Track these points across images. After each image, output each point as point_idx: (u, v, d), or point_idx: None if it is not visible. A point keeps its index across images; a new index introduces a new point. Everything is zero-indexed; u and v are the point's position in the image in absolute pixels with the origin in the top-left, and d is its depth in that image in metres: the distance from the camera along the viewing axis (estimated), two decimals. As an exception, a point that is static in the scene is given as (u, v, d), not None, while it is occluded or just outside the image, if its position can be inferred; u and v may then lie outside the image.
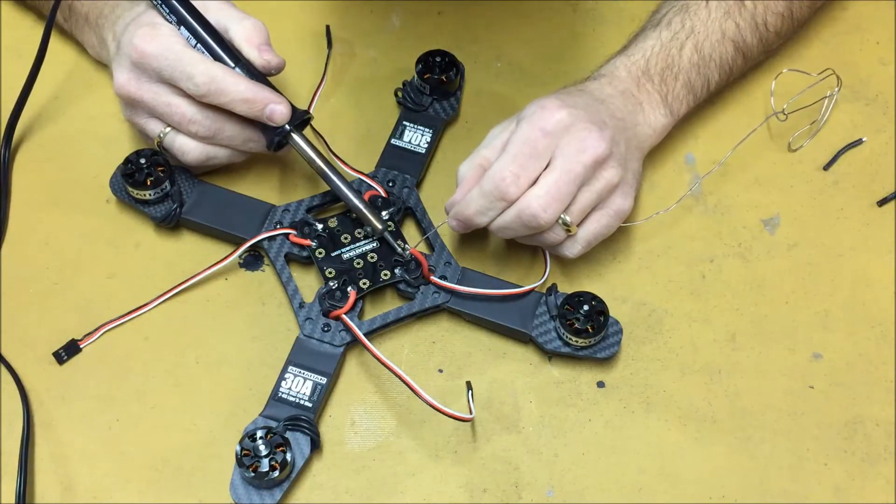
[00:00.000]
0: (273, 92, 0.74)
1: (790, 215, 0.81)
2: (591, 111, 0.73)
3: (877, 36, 0.90)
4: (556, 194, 0.70)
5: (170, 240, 0.79)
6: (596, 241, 0.74)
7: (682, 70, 0.78)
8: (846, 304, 0.77)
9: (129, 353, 0.74)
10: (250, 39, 0.75)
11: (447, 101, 0.84)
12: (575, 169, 0.70)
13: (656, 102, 0.77)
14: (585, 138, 0.70)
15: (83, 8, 0.81)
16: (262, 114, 0.73)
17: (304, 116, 0.76)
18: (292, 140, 0.75)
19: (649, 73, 0.77)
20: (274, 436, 0.68)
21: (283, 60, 0.76)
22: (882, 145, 0.84)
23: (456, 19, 0.91)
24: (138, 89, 0.74)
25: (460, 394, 0.72)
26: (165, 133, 0.76)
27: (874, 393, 0.73)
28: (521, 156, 0.70)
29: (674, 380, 0.73)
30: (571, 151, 0.70)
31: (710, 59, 0.79)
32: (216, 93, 0.72)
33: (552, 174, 0.70)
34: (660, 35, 0.79)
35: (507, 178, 0.70)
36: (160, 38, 0.73)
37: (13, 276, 0.77)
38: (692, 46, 0.78)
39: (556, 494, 0.69)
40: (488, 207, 0.71)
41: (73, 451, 0.70)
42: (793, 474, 0.70)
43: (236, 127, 0.75)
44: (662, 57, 0.78)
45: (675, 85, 0.78)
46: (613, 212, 0.73)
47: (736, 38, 0.80)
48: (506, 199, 0.70)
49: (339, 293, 0.74)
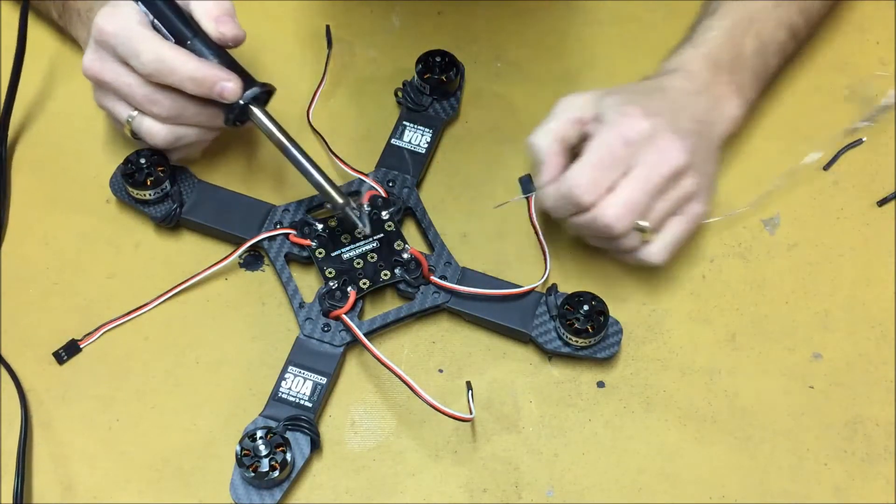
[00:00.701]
0: (222, 69, 0.72)
1: (790, 215, 0.80)
2: (673, 118, 0.72)
3: (877, 36, 0.90)
4: (632, 205, 0.70)
5: (170, 240, 0.79)
6: (677, 245, 0.74)
7: (749, 58, 0.78)
8: (846, 304, 0.77)
9: (129, 353, 0.74)
10: (209, 12, 0.74)
11: (447, 101, 0.84)
12: (654, 180, 0.70)
13: (732, 94, 0.77)
14: (665, 149, 0.71)
15: (75, 4, 0.81)
16: (212, 92, 0.72)
17: (264, 89, 0.74)
18: (251, 114, 0.74)
19: (720, 66, 0.77)
20: (274, 436, 0.68)
21: (241, 32, 0.74)
22: (882, 145, 0.84)
23: (456, 19, 0.91)
24: (101, 69, 0.74)
25: (460, 394, 0.72)
26: (133, 117, 0.75)
27: (874, 393, 0.73)
28: (600, 165, 0.70)
29: (674, 380, 0.73)
30: (651, 163, 0.70)
31: (769, 46, 0.80)
32: (163, 72, 0.71)
33: (630, 184, 0.70)
34: (722, 24, 0.79)
35: (582, 186, 0.70)
36: (118, 15, 0.73)
37: (13, 276, 0.77)
38: (754, 34, 0.79)
39: (556, 494, 0.69)
40: (563, 207, 0.72)
41: (73, 451, 0.70)
42: (793, 474, 0.70)
43: (198, 106, 0.74)
44: (728, 48, 0.78)
45: (743, 75, 0.78)
46: (691, 217, 0.73)
47: (788, 22, 0.80)
48: (580, 206, 0.70)
49: (339, 293, 0.74)
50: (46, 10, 0.85)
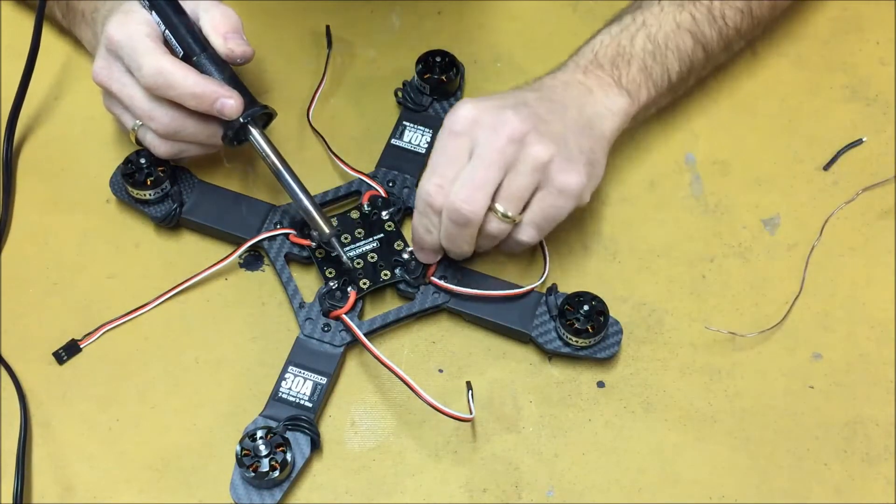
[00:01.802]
0: (223, 85, 0.73)
1: (790, 215, 0.80)
2: (507, 99, 0.71)
3: (877, 36, 0.90)
4: (473, 183, 0.68)
5: (170, 240, 0.79)
6: (546, 222, 0.72)
7: (635, 56, 0.77)
8: (846, 304, 0.77)
9: (129, 353, 0.74)
10: (217, 28, 0.74)
11: (447, 101, 0.84)
12: (489, 154, 0.69)
13: (608, 85, 0.76)
14: (495, 122, 0.69)
15: (79, 5, 0.81)
16: (212, 108, 0.72)
17: (262, 111, 0.74)
18: (248, 133, 0.74)
19: (598, 62, 0.76)
20: (274, 436, 0.68)
21: (249, 50, 0.75)
22: (882, 145, 0.84)
23: (456, 19, 0.91)
24: (109, 77, 0.74)
25: (460, 394, 0.72)
26: (138, 126, 0.75)
27: (874, 393, 0.73)
28: (439, 164, 0.70)
29: (674, 380, 0.73)
30: (484, 139, 0.69)
31: (667, 48, 0.78)
32: (164, 86, 0.72)
33: (468, 166, 0.69)
34: (609, 30, 0.78)
35: (431, 191, 0.69)
36: (128, 24, 0.73)
37: (13, 276, 0.77)
38: (644, 36, 0.77)
39: (556, 494, 0.69)
40: (427, 224, 0.71)
41: (73, 452, 0.70)
42: (793, 474, 0.70)
43: (197, 124, 0.74)
44: (612, 47, 0.77)
45: (628, 70, 0.76)
46: (556, 189, 0.70)
47: (692, 28, 0.79)
48: (436, 209, 0.70)
49: (339, 293, 0.74)
50: (50, 10, 0.85)
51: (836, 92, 0.87)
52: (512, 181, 0.69)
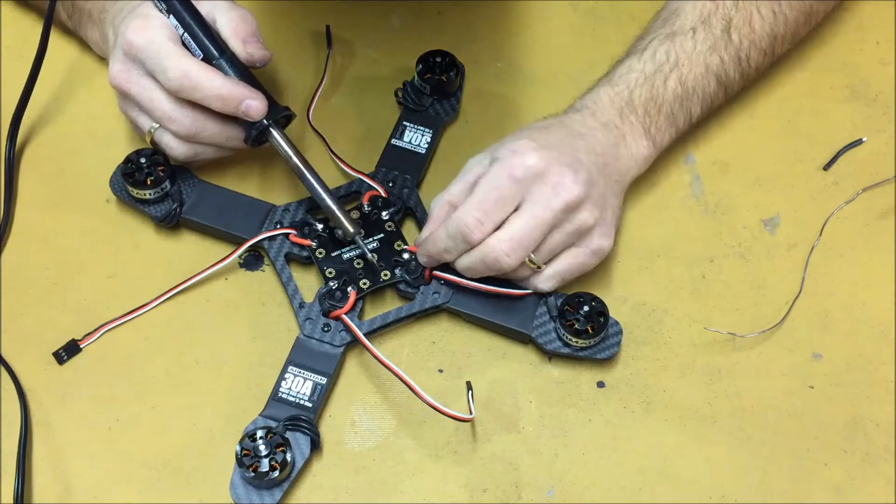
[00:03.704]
0: (249, 87, 0.74)
1: (790, 215, 0.80)
2: (566, 151, 0.71)
3: (877, 36, 0.90)
4: (521, 240, 0.69)
5: (170, 240, 0.79)
6: (570, 276, 0.73)
7: (666, 102, 0.77)
8: (846, 304, 0.77)
9: (129, 353, 0.74)
10: (236, 31, 0.75)
11: (447, 102, 0.84)
12: (543, 215, 0.69)
13: (639, 134, 0.76)
14: (557, 184, 0.69)
15: (86, 5, 0.81)
16: (238, 110, 0.73)
17: (284, 113, 0.75)
18: (270, 136, 0.75)
19: (633, 105, 0.76)
20: (274, 436, 0.68)
21: (268, 54, 0.76)
22: (882, 145, 0.84)
23: (456, 19, 0.91)
24: (127, 81, 0.74)
25: (460, 394, 0.72)
26: (154, 128, 0.76)
27: (874, 393, 0.73)
28: (487, 202, 0.69)
29: (674, 380, 0.73)
30: (542, 197, 0.69)
31: (693, 93, 0.78)
32: (190, 88, 0.72)
33: (519, 219, 0.69)
34: (644, 67, 0.78)
35: (469, 224, 0.69)
36: (149, 29, 0.73)
37: (13, 276, 0.77)
38: (676, 79, 0.77)
39: (556, 494, 0.69)
40: (453, 247, 0.71)
41: (73, 451, 0.70)
42: (793, 474, 0.70)
43: (217, 125, 0.75)
44: (647, 89, 0.77)
45: (658, 117, 0.77)
46: (591, 251, 0.72)
47: (719, 72, 0.79)
48: (469, 244, 0.70)
49: (339, 293, 0.74)
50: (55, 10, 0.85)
51: (836, 92, 0.87)
52: (553, 239, 0.71)
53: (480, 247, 0.70)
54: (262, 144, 0.76)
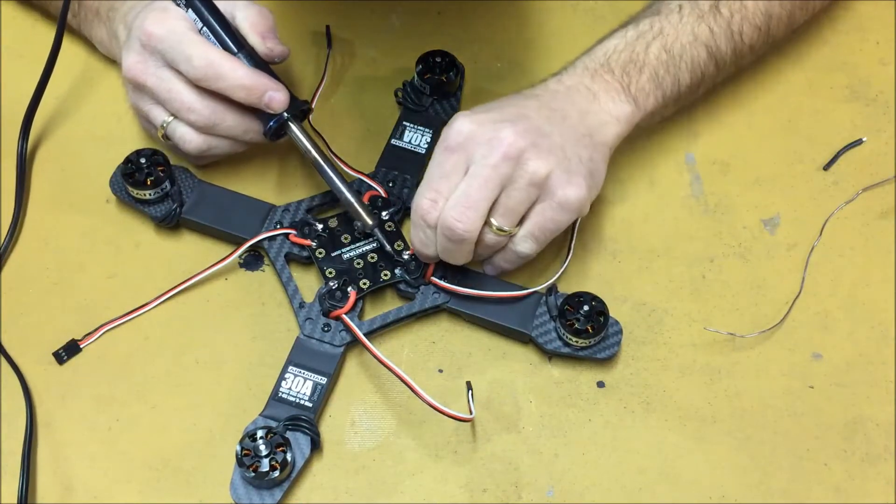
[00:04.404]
0: (272, 79, 0.74)
1: (790, 215, 0.81)
2: (505, 110, 0.71)
3: (877, 36, 0.90)
4: (467, 201, 0.68)
5: (170, 240, 0.79)
6: (544, 234, 0.71)
7: (648, 65, 0.76)
8: (846, 304, 0.77)
9: (129, 353, 0.74)
10: (255, 26, 0.76)
11: (447, 102, 0.84)
12: (483, 172, 0.68)
13: (615, 91, 0.75)
14: (492, 139, 0.69)
15: (94, 4, 0.81)
16: (261, 101, 0.73)
17: (303, 107, 0.76)
18: (289, 129, 0.75)
19: (609, 66, 0.75)
20: (274, 436, 0.68)
21: (286, 49, 0.76)
22: (882, 145, 0.84)
23: (456, 19, 0.91)
24: (143, 72, 0.74)
25: (460, 394, 0.72)
26: (168, 122, 0.76)
27: (874, 393, 0.73)
28: (433, 179, 0.70)
29: (674, 380, 0.73)
30: (479, 156, 0.69)
31: (681, 60, 0.77)
32: (214, 77, 0.72)
33: (462, 183, 0.69)
34: (625, 34, 0.77)
35: (424, 206, 0.69)
36: (168, 20, 0.74)
37: (13, 276, 0.77)
38: (660, 45, 0.76)
39: (556, 494, 0.69)
40: (423, 237, 0.71)
41: (74, 451, 0.70)
42: (793, 474, 0.70)
43: (236, 117, 0.75)
44: (626, 53, 0.76)
45: (638, 77, 0.75)
46: (557, 203, 0.70)
47: (709, 42, 0.78)
48: (431, 226, 0.70)
49: (339, 293, 0.74)
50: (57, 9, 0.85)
51: (836, 92, 0.87)
52: (509, 197, 0.69)
53: (438, 225, 0.70)
54: (279, 138, 0.76)
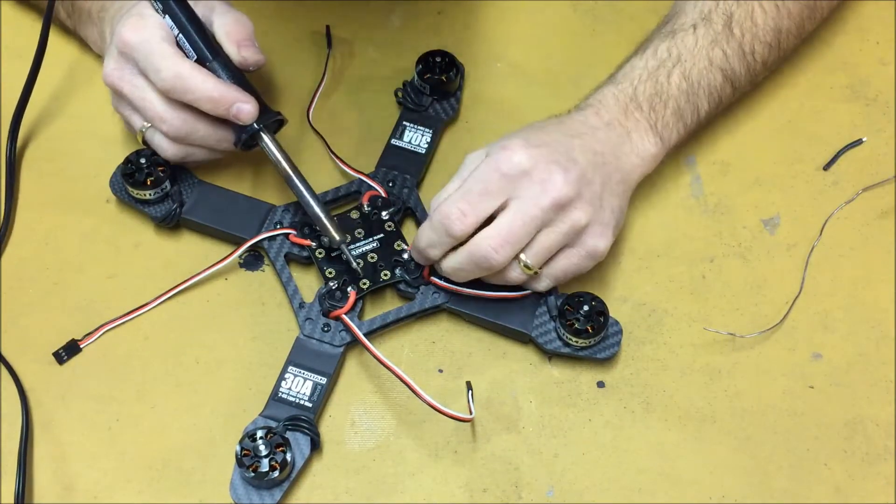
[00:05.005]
0: (240, 91, 0.73)
1: (790, 215, 0.81)
2: (559, 150, 0.71)
3: (877, 36, 0.90)
4: (508, 236, 0.69)
5: (170, 240, 0.79)
6: (565, 277, 0.72)
7: (671, 97, 0.76)
8: (846, 304, 0.77)
9: (129, 353, 0.74)
10: (230, 34, 0.75)
11: (447, 102, 0.84)
12: (531, 211, 0.69)
13: (644, 129, 0.76)
14: (545, 181, 0.69)
15: (85, 4, 0.81)
16: (229, 112, 0.73)
17: (275, 117, 0.75)
18: (260, 140, 0.75)
19: (637, 101, 0.76)
20: (274, 436, 0.68)
21: (262, 58, 0.76)
22: (882, 145, 0.84)
23: (456, 19, 0.91)
24: (120, 79, 0.74)
25: (460, 394, 0.72)
26: (146, 128, 0.76)
27: (874, 393, 0.73)
28: (472, 193, 0.69)
29: (674, 380, 0.73)
30: (530, 194, 0.69)
31: (699, 87, 0.77)
32: (181, 90, 0.72)
33: (506, 215, 0.69)
34: (647, 63, 0.77)
35: (452, 215, 0.69)
36: (144, 28, 0.73)
37: (13, 276, 0.77)
38: (680, 74, 0.77)
39: (556, 494, 0.69)
40: (437, 241, 0.71)
41: (73, 452, 0.70)
42: (793, 474, 0.70)
43: (209, 127, 0.75)
44: (650, 84, 0.76)
45: (664, 112, 0.76)
46: (586, 252, 0.71)
47: (724, 66, 0.78)
48: (451, 235, 0.69)
49: (339, 293, 0.74)
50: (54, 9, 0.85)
51: (836, 92, 0.87)
52: (544, 238, 0.70)
53: (468, 245, 0.70)
54: (251, 148, 0.76)
